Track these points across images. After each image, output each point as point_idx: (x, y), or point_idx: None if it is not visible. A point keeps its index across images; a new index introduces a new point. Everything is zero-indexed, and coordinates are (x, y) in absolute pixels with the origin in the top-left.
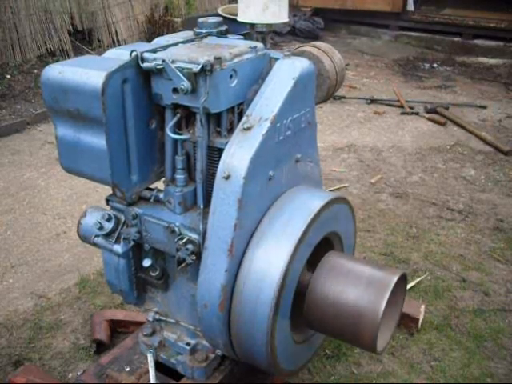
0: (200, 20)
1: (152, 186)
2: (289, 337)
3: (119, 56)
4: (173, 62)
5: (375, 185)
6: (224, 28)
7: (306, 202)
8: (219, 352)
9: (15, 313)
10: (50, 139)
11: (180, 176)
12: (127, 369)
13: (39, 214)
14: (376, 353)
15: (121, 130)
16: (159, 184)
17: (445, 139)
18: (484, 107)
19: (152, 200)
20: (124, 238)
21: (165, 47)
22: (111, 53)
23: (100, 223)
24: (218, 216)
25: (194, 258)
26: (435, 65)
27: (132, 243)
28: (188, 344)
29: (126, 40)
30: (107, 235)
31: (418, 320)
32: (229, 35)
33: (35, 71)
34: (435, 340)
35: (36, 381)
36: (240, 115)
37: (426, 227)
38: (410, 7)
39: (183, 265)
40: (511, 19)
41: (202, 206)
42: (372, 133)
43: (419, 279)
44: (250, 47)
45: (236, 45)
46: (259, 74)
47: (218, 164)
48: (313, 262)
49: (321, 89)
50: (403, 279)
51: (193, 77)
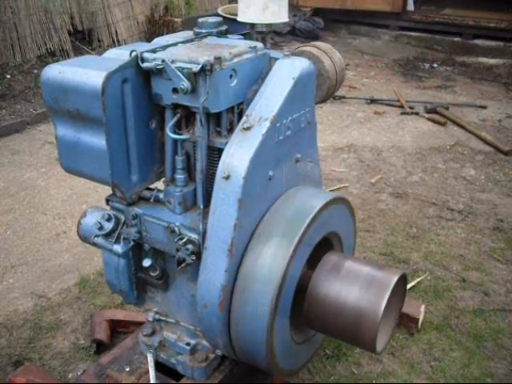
0: (200, 20)
1: (152, 186)
2: (289, 337)
3: (119, 56)
4: (173, 62)
5: (375, 185)
6: (224, 28)
7: (306, 202)
8: (219, 352)
9: (15, 313)
10: (50, 139)
11: (180, 176)
12: (127, 369)
13: (39, 214)
14: (376, 353)
15: (121, 130)
16: (159, 184)
17: (445, 139)
18: (484, 107)
19: (152, 200)
20: (124, 238)
21: (165, 47)
22: (111, 53)
23: (100, 223)
24: (218, 216)
25: (194, 258)
26: (435, 65)
27: (132, 243)
28: (188, 344)
29: (126, 40)
30: (107, 235)
31: (418, 320)
32: (229, 35)
33: (35, 71)
34: (435, 340)
35: (36, 381)
36: (240, 115)
37: (426, 227)
38: (410, 7)
39: (183, 265)
40: (511, 19)
41: (202, 206)
42: (372, 133)
43: (419, 279)
44: (250, 47)
45: (236, 45)
46: (259, 74)
47: (218, 164)
48: (313, 262)
49: (321, 89)
50: (403, 279)
51: (193, 77)
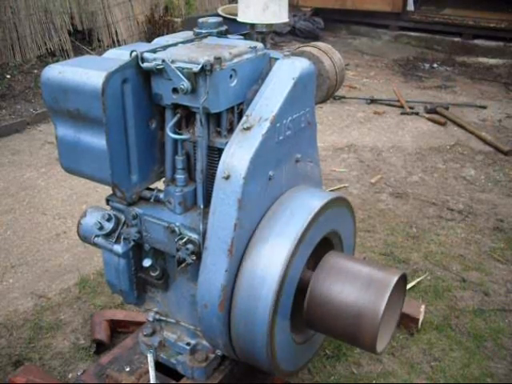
0: (200, 20)
1: (152, 186)
2: (289, 337)
3: (119, 56)
4: (173, 62)
5: (375, 185)
6: (224, 28)
7: (306, 202)
8: (219, 352)
9: (15, 313)
10: (50, 139)
11: (180, 176)
12: (127, 369)
13: (39, 214)
14: (376, 353)
15: (121, 130)
16: (159, 184)
17: (445, 139)
18: (484, 107)
19: (152, 200)
20: (124, 238)
21: (165, 47)
22: (111, 53)
23: (100, 223)
24: (218, 216)
25: (194, 258)
26: (435, 65)
27: (132, 243)
28: (188, 344)
29: (126, 40)
30: (107, 235)
31: (418, 320)
32: (229, 35)
33: (35, 71)
34: (435, 340)
35: (36, 381)
36: (240, 115)
37: (426, 227)
38: (410, 7)
39: (183, 265)
40: (511, 19)
41: (202, 206)
42: (372, 133)
43: (419, 279)
44: (250, 47)
45: (236, 45)
46: (259, 74)
47: (218, 164)
48: (313, 262)
49: (321, 89)
50: (403, 279)
51: (193, 77)
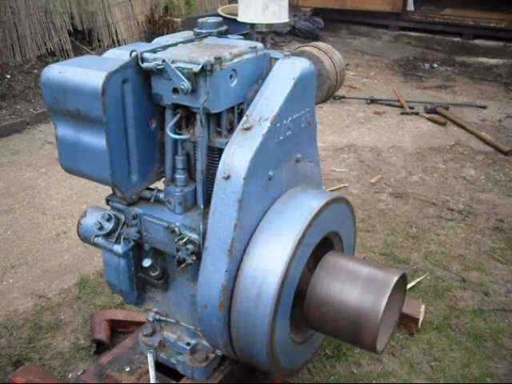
0: (200, 20)
1: (152, 186)
2: (289, 337)
3: (119, 56)
4: (173, 62)
5: (375, 185)
6: (224, 28)
7: (306, 202)
8: (219, 352)
9: (15, 313)
10: (50, 139)
11: (180, 176)
12: (127, 369)
13: (39, 214)
14: (376, 353)
15: (121, 130)
16: (159, 184)
17: (445, 139)
18: (484, 107)
19: (152, 200)
20: (124, 238)
21: (165, 47)
22: (111, 53)
23: (100, 223)
24: (218, 216)
25: (194, 258)
26: (435, 65)
27: (132, 243)
28: (188, 344)
29: (126, 40)
30: (107, 235)
31: (418, 320)
32: (229, 35)
33: (35, 71)
34: (435, 340)
35: (36, 381)
36: (240, 115)
37: (426, 227)
38: (410, 7)
39: (183, 265)
40: (511, 19)
41: (202, 206)
42: (372, 133)
43: (419, 279)
44: (250, 47)
45: (236, 45)
46: (259, 74)
47: (218, 164)
48: (313, 262)
49: (321, 89)
50: (403, 279)
51: (193, 77)
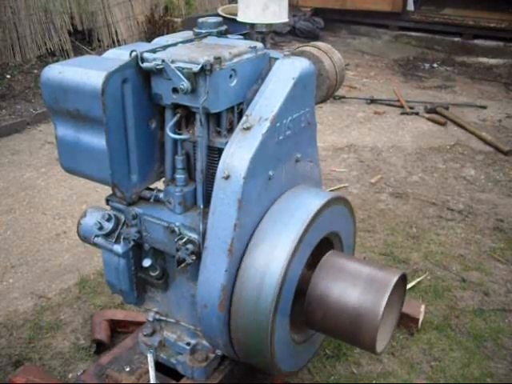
0: (200, 20)
1: (152, 186)
2: (289, 337)
3: (119, 56)
4: (173, 62)
5: (375, 185)
6: (224, 28)
7: (306, 202)
8: (219, 352)
9: (15, 313)
10: (50, 139)
11: (180, 176)
12: (127, 369)
13: (39, 214)
14: (376, 353)
15: (121, 130)
16: (159, 184)
17: (445, 139)
18: (484, 107)
19: (152, 200)
20: (124, 238)
21: (164, 47)
22: (111, 53)
23: (100, 223)
24: (218, 216)
25: (194, 258)
26: (435, 65)
27: (132, 243)
28: (188, 344)
29: (126, 40)
30: (107, 235)
31: (418, 320)
32: (229, 35)
33: (35, 71)
34: (435, 340)
35: (36, 381)
36: (240, 115)
37: (426, 227)
38: (410, 7)
39: (183, 265)
40: (511, 19)
41: (202, 206)
42: (372, 133)
43: (419, 279)
44: (250, 47)
45: (236, 45)
46: (259, 74)
47: (218, 164)
48: (313, 262)
49: (321, 89)
50: (403, 279)
51: (192, 77)
